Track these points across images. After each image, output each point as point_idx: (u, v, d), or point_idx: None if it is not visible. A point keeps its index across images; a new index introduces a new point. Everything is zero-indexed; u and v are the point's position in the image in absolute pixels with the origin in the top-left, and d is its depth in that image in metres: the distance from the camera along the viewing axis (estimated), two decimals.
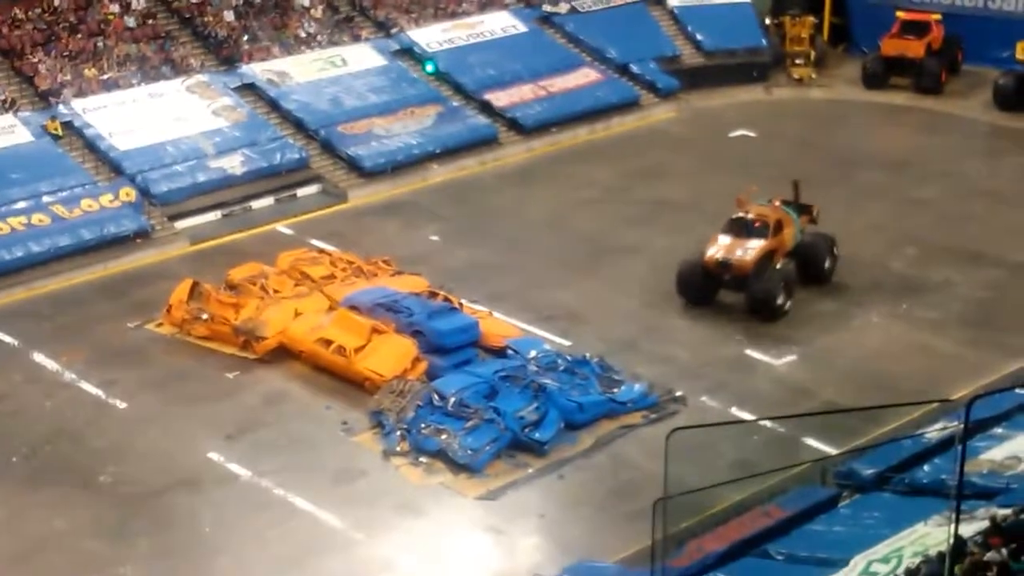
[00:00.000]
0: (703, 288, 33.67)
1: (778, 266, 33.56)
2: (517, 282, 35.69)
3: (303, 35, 48.89)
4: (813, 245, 34.82)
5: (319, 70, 47.55)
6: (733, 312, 33.50)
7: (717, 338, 32.33)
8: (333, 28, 49.77)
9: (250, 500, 26.34)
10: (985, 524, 17.80)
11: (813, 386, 30.08)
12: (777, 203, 34.66)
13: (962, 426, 19.02)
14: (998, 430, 23.93)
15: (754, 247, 33.02)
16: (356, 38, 49.76)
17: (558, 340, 32.06)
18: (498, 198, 42.63)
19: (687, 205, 40.29)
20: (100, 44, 45.27)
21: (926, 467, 23.05)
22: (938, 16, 52.81)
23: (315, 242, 38.25)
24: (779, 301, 32.87)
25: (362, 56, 48.85)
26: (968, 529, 17.64)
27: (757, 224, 33.59)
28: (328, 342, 30.71)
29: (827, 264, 34.79)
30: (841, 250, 35.20)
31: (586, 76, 51.14)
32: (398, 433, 27.76)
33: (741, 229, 33.57)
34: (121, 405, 30.12)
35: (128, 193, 40.12)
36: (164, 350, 32.66)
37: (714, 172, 43.68)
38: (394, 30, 50.48)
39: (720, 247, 33.20)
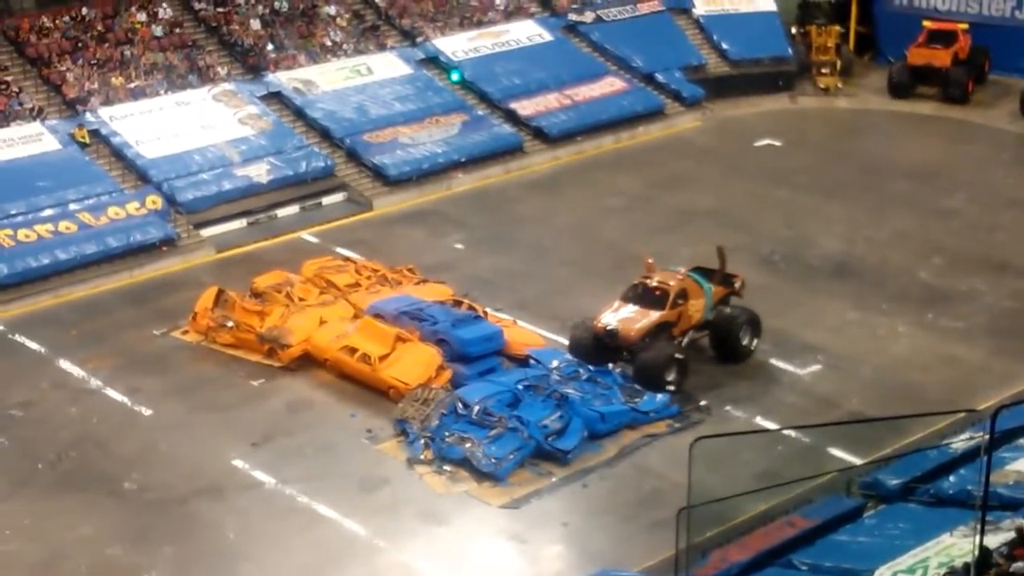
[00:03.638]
0: (595, 354, 30.94)
1: (684, 340, 31.39)
2: (541, 290, 35.71)
3: (329, 44, 49.03)
4: (732, 319, 31.84)
5: (345, 79, 47.68)
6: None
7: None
8: (359, 37, 49.89)
9: (274, 507, 26.38)
10: (1011, 535, 17.73)
11: (838, 396, 29.98)
12: (683, 271, 32.05)
13: (988, 436, 18.95)
14: None
15: (646, 318, 30.70)
16: (382, 47, 49.88)
17: None
18: (523, 207, 42.65)
19: (712, 214, 40.23)
20: (127, 53, 45.47)
21: (951, 478, 22.95)
22: (965, 25, 52.69)
23: (340, 250, 38.34)
24: (667, 377, 29.91)
25: (388, 65, 48.96)
26: (994, 540, 17.58)
27: (657, 292, 31.04)
28: (353, 350, 30.76)
29: (745, 341, 31.67)
30: (868, 260, 34.86)
31: (611, 85, 51.17)
32: (422, 441, 27.78)
33: (640, 297, 31.23)
34: (146, 412, 30.22)
35: (154, 201, 40.25)
36: (189, 357, 32.76)
37: (739, 181, 43.68)
38: (420, 39, 50.58)
39: (613, 315, 31.01)
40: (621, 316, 30.89)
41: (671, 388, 29.90)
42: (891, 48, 54.89)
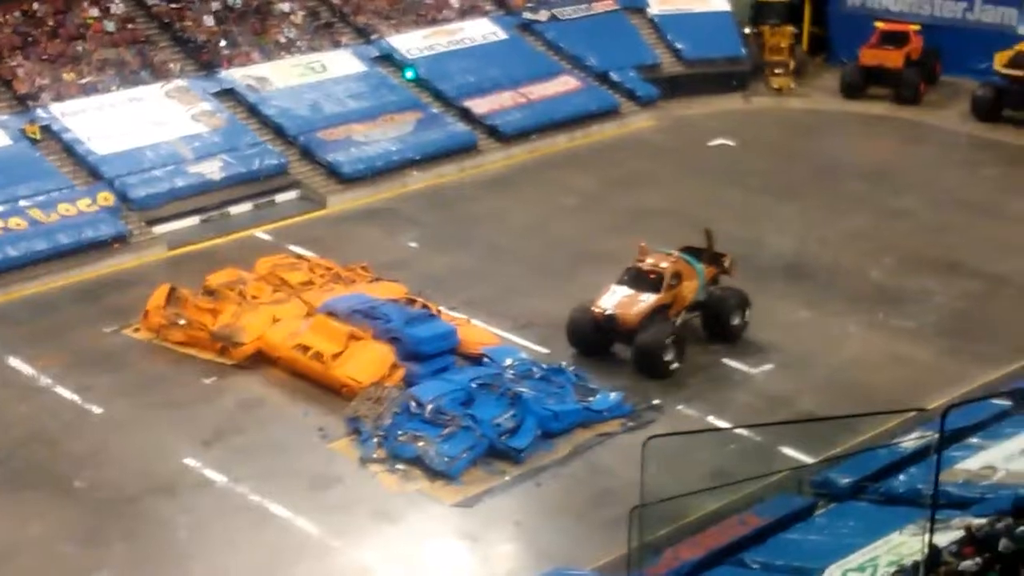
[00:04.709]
0: (594, 339, 31.82)
1: (678, 321, 31.91)
2: (496, 289, 35.69)
3: (283, 41, 48.82)
4: (722, 300, 32.60)
5: (299, 76, 47.48)
6: None
7: (695, 347, 32.25)
8: (313, 34, 49.70)
9: (226, 506, 26.25)
10: (960, 534, 17.89)
11: (790, 395, 30.13)
12: (676, 253, 32.62)
13: (938, 435, 19.10)
14: (973, 440, 24.08)
15: (643, 301, 31.27)
16: (336, 44, 49.69)
17: (536, 348, 32.06)
18: (477, 205, 42.63)
19: (667, 213, 40.32)
20: (79, 48, 45.13)
21: (902, 476, 23.17)
22: (917, 27, 53.05)
23: (293, 248, 38.18)
24: (666, 358, 30.71)
25: (342, 62, 48.80)
26: (943, 539, 17.71)
27: (651, 276, 31.65)
28: (306, 348, 30.67)
29: (736, 321, 32.40)
30: (821, 260, 35.19)
31: (566, 84, 51.20)
32: (375, 440, 27.73)
33: (634, 280, 31.77)
34: (97, 410, 30.00)
35: (106, 198, 39.98)
36: (141, 355, 32.55)
37: (693, 180, 43.85)
38: (374, 36, 50.43)
39: (610, 299, 31.65)
40: (618, 300, 31.39)
41: (671, 368, 30.67)
42: (844, 49, 55.19)
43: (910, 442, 24.32)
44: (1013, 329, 32.93)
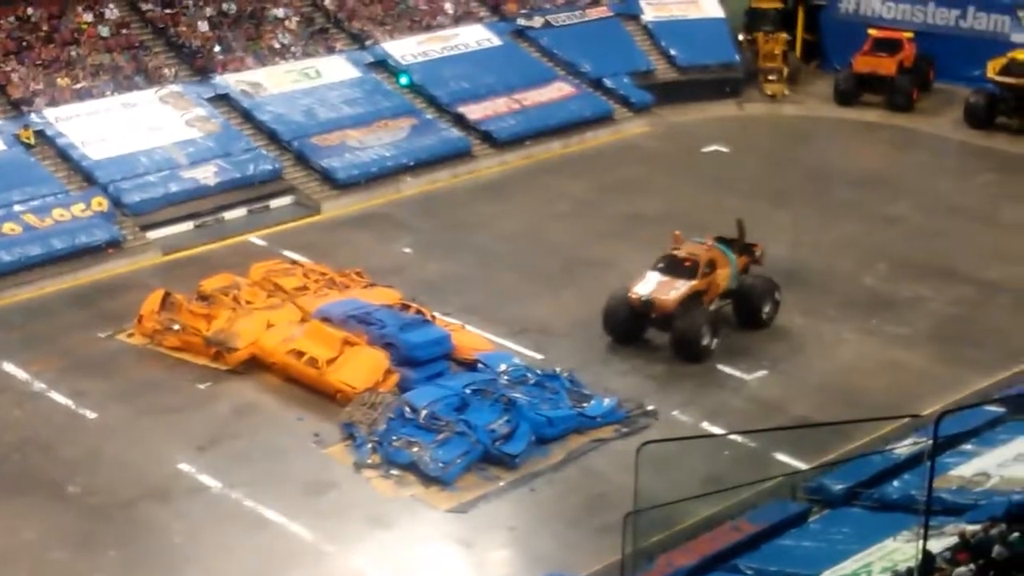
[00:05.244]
0: (629, 325, 32.64)
1: (711, 307, 32.65)
2: (490, 295, 35.72)
3: (277, 46, 48.85)
4: (753, 288, 33.56)
5: (293, 81, 47.52)
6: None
7: None
8: (307, 40, 49.73)
9: (220, 512, 26.23)
10: (954, 540, 17.91)
11: (784, 401, 30.17)
12: (711, 241, 33.45)
13: (931, 442, 19.12)
14: (967, 446, 24.09)
15: (680, 287, 32.04)
16: (330, 50, 49.74)
17: (530, 353, 32.08)
18: (471, 211, 42.65)
19: (660, 219, 40.27)
20: (73, 53, 45.14)
21: (895, 483, 23.18)
22: (910, 34, 53.20)
23: (288, 253, 38.20)
24: (703, 343, 31.66)
25: (336, 68, 48.84)
26: (937, 545, 17.74)
27: (687, 263, 32.49)
28: (300, 354, 30.66)
29: (767, 308, 33.39)
30: (814, 266, 35.31)
31: (560, 90, 51.26)
32: (369, 445, 27.75)
33: (670, 267, 32.59)
34: (91, 415, 29.97)
35: (100, 203, 39.98)
36: (135, 361, 32.54)
37: (687, 187, 43.92)
38: (369, 42, 50.48)
39: (646, 285, 32.28)
40: (655, 286, 32.01)
41: (707, 353, 31.56)
42: (837, 56, 55.32)
43: (904, 448, 24.34)
44: (1006, 335, 33.01)
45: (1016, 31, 52.66)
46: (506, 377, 29.63)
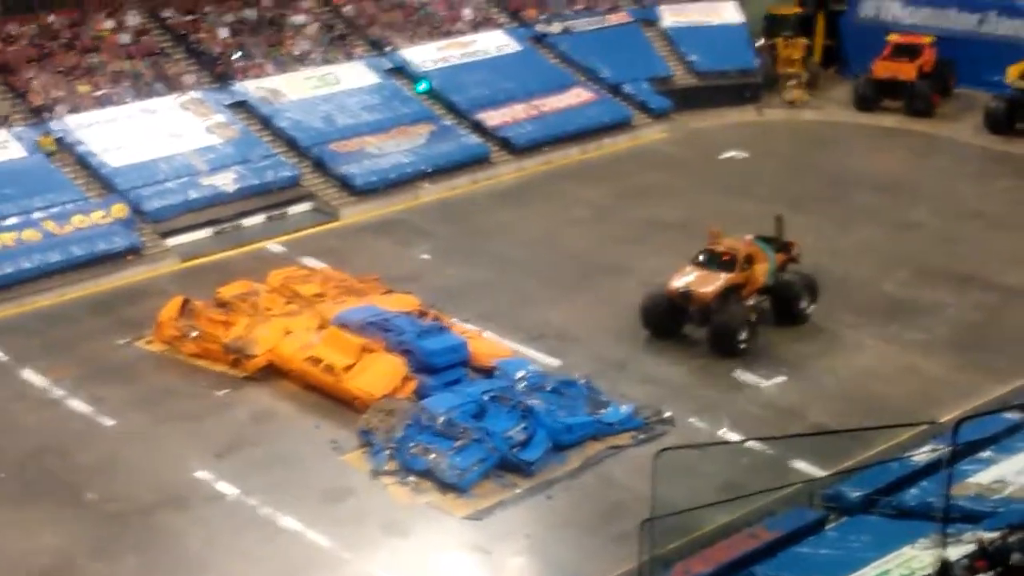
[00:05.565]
0: (667, 319, 33.04)
1: (749, 302, 32.98)
2: (508, 301, 35.71)
3: (297, 53, 49.00)
4: (790, 284, 33.99)
5: (312, 88, 47.67)
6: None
7: (708, 358, 32.29)
8: (327, 46, 49.87)
9: (238, 519, 26.26)
10: (972, 548, 17.83)
11: (802, 408, 30.08)
12: (749, 238, 33.83)
13: (950, 449, 19.05)
14: (986, 453, 23.96)
15: (718, 280, 32.46)
16: (350, 56, 49.90)
17: (548, 360, 32.09)
18: (490, 217, 42.67)
19: (679, 225, 40.31)
20: (94, 60, 45.35)
21: (914, 490, 23.05)
22: (930, 39, 53.03)
23: (306, 260, 38.28)
24: (740, 337, 32.04)
25: (355, 74, 48.99)
26: (955, 552, 17.67)
27: (725, 257, 32.89)
28: (318, 360, 30.69)
29: (803, 304, 33.88)
30: (833, 272, 35.26)
31: (579, 96, 51.31)
32: (387, 452, 27.73)
33: (709, 261, 33.02)
34: (109, 422, 30.06)
35: (120, 209, 40.12)
36: (153, 367, 32.62)
37: (706, 192, 43.88)
38: (388, 48, 50.61)
39: (685, 278, 32.68)
40: (693, 279, 32.40)
41: (743, 347, 31.93)
42: (857, 61, 55.19)
43: (922, 455, 24.22)
44: None
45: None
46: (523, 384, 29.59)
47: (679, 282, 32.59)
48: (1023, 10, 53.38)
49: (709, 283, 32.38)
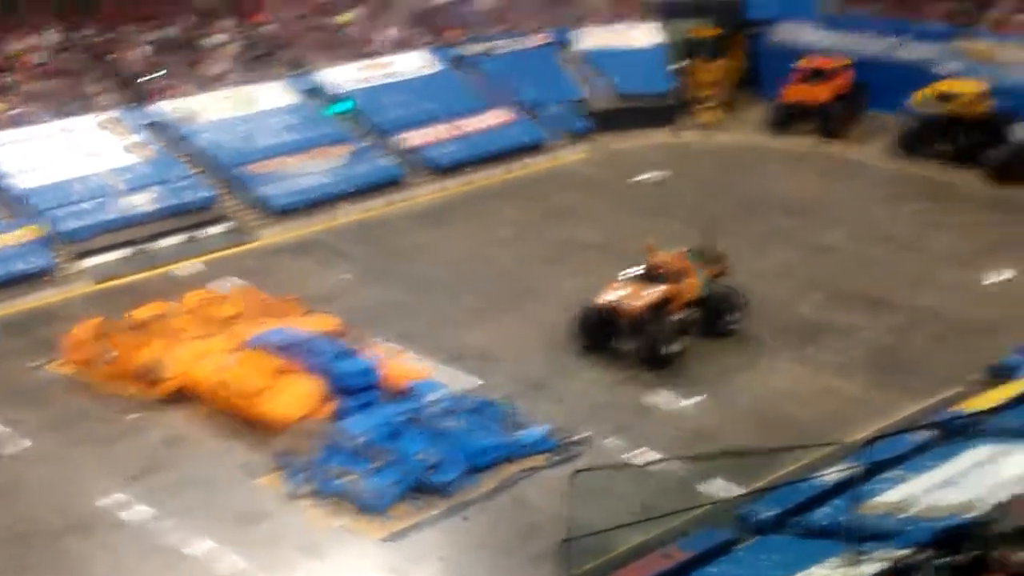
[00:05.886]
0: (598, 332, 33.55)
1: (679, 316, 33.43)
2: (427, 322, 35.71)
3: (216, 73, 48.75)
4: (720, 298, 34.67)
5: (231, 108, 47.49)
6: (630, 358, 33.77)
7: (623, 379, 32.48)
8: (246, 66, 49.67)
9: (150, 543, 25.93)
10: (881, 566, 18.02)
11: (717, 428, 30.27)
12: (681, 251, 34.50)
13: (861, 468, 19.25)
14: (896, 472, 24.24)
15: (647, 294, 33.04)
16: (269, 76, 49.69)
17: (468, 380, 32.06)
18: (410, 238, 42.69)
19: (598, 245, 40.59)
20: (9, 80, 44.85)
21: (824, 509, 23.26)
22: (842, 63, 53.74)
23: (223, 281, 38.06)
24: (667, 350, 32.73)
25: (274, 95, 48.86)
26: (865, 571, 17.83)
27: (656, 271, 33.70)
28: (233, 383, 30.49)
29: (732, 318, 34.63)
30: (751, 294, 35.54)
31: (499, 117, 51.53)
32: (303, 474, 27.62)
33: (640, 275, 33.73)
34: (19, 445, 29.65)
35: (35, 230, 39.73)
36: (66, 390, 32.25)
37: (624, 213, 44.16)
38: (307, 69, 50.49)
39: (616, 292, 33.29)
40: (624, 293, 32.94)
41: (673, 359, 32.60)
42: (772, 84, 55.72)
43: (833, 474, 24.46)
44: (936, 362, 33.27)
45: (945, 61, 53.40)
46: (439, 405, 29.59)
47: (610, 296, 33.11)
48: (932, 35, 54.37)
49: (639, 297, 32.92)
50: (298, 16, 53.01)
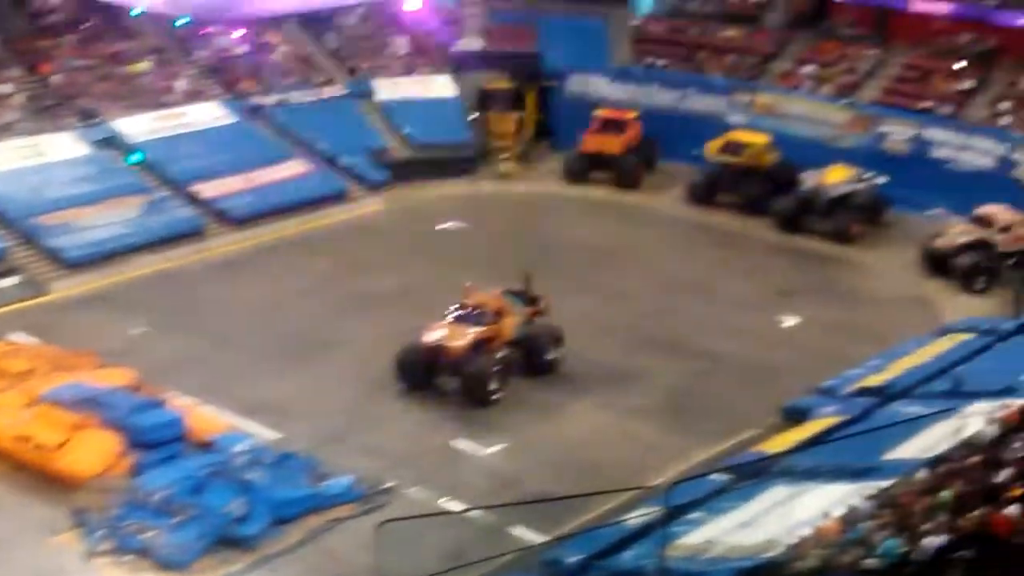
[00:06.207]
0: (421, 372, 34.31)
1: (499, 354, 34.21)
2: (226, 374, 35.29)
3: (3, 123, 47.52)
4: (538, 336, 35.68)
5: (20, 159, 46.25)
6: (444, 401, 33.97)
7: (427, 428, 32.63)
8: (35, 116, 48.53)
9: None
10: None
11: (521, 475, 30.57)
12: (498, 292, 35.55)
13: (662, 511, 19.66)
14: (696, 514, 24.80)
15: (468, 334, 33.91)
16: (59, 127, 48.62)
17: (268, 433, 31.75)
18: (207, 290, 42.17)
19: (397, 295, 40.70)
20: None
21: (628, 553, 23.68)
22: (635, 114, 55.04)
23: (14, 336, 37.01)
24: (490, 387, 33.57)
25: (65, 145, 47.79)
26: None
27: (476, 312, 34.64)
28: (27, 438, 29.66)
29: (550, 356, 35.60)
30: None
31: (295, 168, 51.31)
32: (102, 531, 26.98)
33: (461, 316, 34.58)
34: None
35: None
36: None
37: (422, 263, 44.35)
38: (99, 119, 49.56)
39: (437, 332, 34.03)
40: (445, 333, 33.76)
41: (494, 398, 33.55)
42: (567, 135, 56.65)
43: (636, 518, 24.92)
44: (731, 405, 34.20)
45: (732, 113, 55.17)
46: (242, 458, 29.25)
47: (432, 336, 33.87)
48: (718, 88, 56.12)
49: (460, 337, 33.73)
50: (87, 66, 51.99)
